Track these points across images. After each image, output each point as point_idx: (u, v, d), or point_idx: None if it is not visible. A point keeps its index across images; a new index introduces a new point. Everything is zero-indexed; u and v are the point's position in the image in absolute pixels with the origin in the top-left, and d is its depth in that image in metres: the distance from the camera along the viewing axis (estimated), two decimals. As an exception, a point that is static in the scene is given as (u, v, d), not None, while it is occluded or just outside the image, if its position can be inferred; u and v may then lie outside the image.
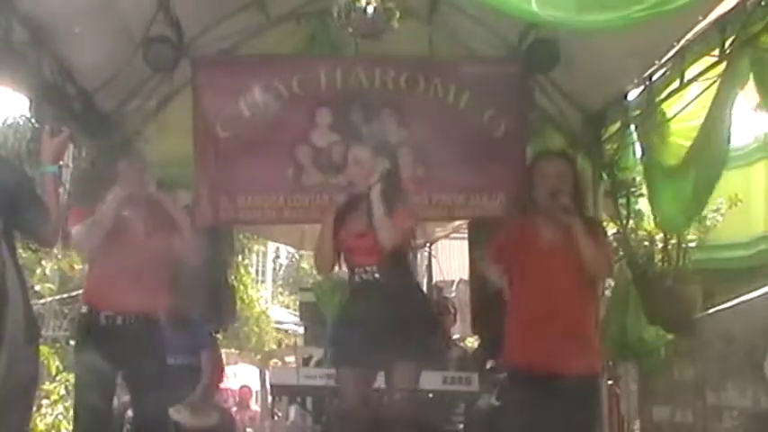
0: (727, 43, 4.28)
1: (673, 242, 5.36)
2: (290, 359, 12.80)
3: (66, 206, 4.44)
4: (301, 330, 10.43)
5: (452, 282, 11.50)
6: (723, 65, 4.32)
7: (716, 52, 4.40)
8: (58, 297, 7.55)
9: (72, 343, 8.20)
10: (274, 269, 24.35)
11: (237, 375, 13.21)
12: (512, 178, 5.26)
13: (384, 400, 4.01)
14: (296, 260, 22.31)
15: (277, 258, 24.33)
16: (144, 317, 4.10)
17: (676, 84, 4.93)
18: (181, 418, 5.23)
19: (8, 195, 3.06)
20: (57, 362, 6.60)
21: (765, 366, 4.04)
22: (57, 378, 6.66)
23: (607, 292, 5.72)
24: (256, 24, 5.88)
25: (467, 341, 9.00)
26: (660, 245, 5.43)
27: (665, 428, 5.35)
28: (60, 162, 3.58)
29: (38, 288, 7.21)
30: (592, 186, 5.75)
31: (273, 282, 23.99)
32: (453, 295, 10.35)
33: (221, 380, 6.78)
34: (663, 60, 4.94)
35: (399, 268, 4.08)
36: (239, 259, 12.02)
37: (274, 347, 15.79)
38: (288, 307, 20.61)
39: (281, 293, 23.47)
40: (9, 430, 3.02)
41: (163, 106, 5.80)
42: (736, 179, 5.94)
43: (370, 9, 4.79)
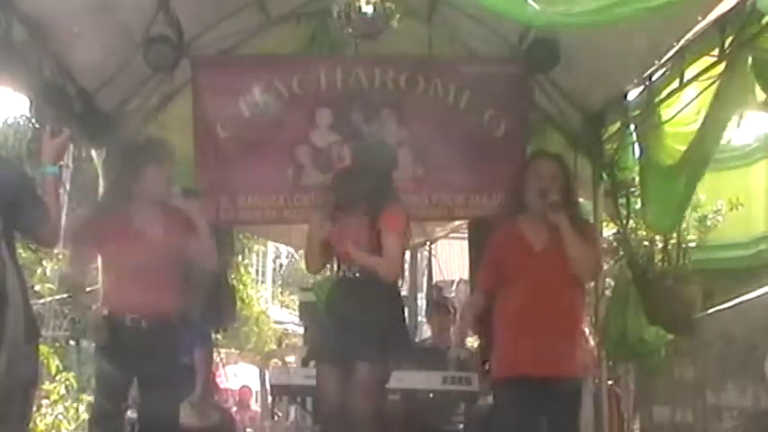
0: (726, 43, 4.28)
1: (673, 242, 5.36)
2: (290, 359, 12.79)
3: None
4: (301, 330, 10.42)
5: (452, 282, 11.52)
6: (723, 65, 4.32)
7: (716, 52, 4.40)
8: (58, 297, 7.53)
9: (72, 343, 8.23)
10: (274, 269, 24.34)
11: (237, 375, 13.17)
12: (512, 178, 5.26)
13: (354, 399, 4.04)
14: (296, 260, 22.29)
15: (277, 258, 24.32)
16: (164, 319, 4.11)
17: (676, 84, 4.93)
18: (181, 418, 5.22)
19: (8, 195, 3.06)
20: (57, 361, 6.59)
21: (765, 366, 4.04)
22: (57, 378, 6.65)
23: (607, 292, 5.72)
24: (256, 24, 5.88)
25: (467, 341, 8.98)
26: (660, 245, 5.43)
27: (665, 428, 5.35)
28: (60, 162, 3.59)
29: (38, 288, 7.20)
30: (592, 186, 5.77)
31: (273, 282, 23.98)
32: (453, 295, 10.37)
33: (215, 379, 6.76)
34: (663, 60, 4.93)
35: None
36: (239, 259, 12.03)
37: (274, 347, 15.78)
38: (288, 307, 20.62)
39: (281, 293, 23.48)
40: (9, 430, 3.03)
41: (163, 106, 5.80)
42: (736, 179, 5.95)
43: (370, 9, 4.80)
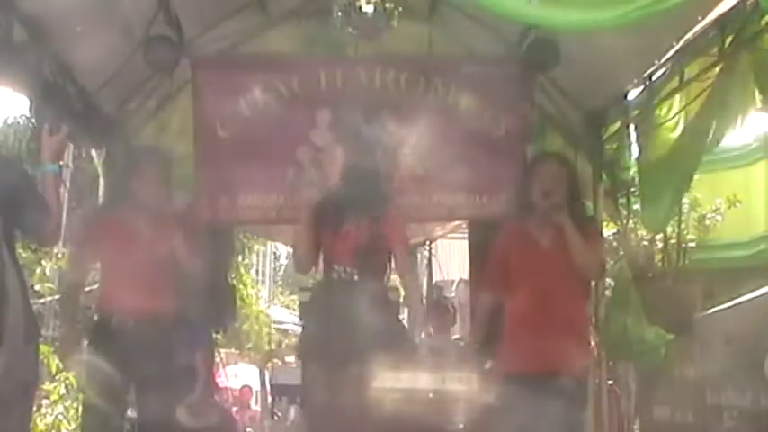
0: (726, 43, 4.28)
1: (673, 242, 5.37)
2: (290, 359, 12.80)
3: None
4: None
5: (452, 282, 11.51)
6: (722, 65, 4.32)
7: (716, 52, 4.40)
8: (58, 297, 7.53)
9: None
10: (274, 269, 24.38)
11: (238, 375, 13.18)
12: (512, 178, 5.27)
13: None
14: (296, 260, 22.29)
15: (277, 258, 24.35)
16: (158, 320, 4.12)
17: (676, 84, 4.93)
18: (181, 419, 5.22)
19: (9, 195, 3.06)
20: (57, 361, 6.58)
21: (765, 366, 4.04)
22: (57, 377, 6.64)
23: (607, 292, 5.73)
24: (256, 24, 5.88)
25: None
26: (660, 245, 5.44)
27: (665, 428, 5.35)
28: (60, 162, 3.59)
29: (38, 288, 7.20)
30: (592, 186, 5.77)
31: (273, 282, 24.00)
32: (453, 295, 10.36)
33: (216, 379, 6.76)
34: (663, 60, 4.93)
35: (377, 270, 4.19)
36: (239, 259, 12.02)
37: (274, 347, 15.79)
38: (288, 307, 20.63)
39: (281, 293, 23.50)
40: (9, 430, 3.03)
41: (163, 106, 5.80)
42: (736, 179, 5.96)
43: (370, 9, 4.80)
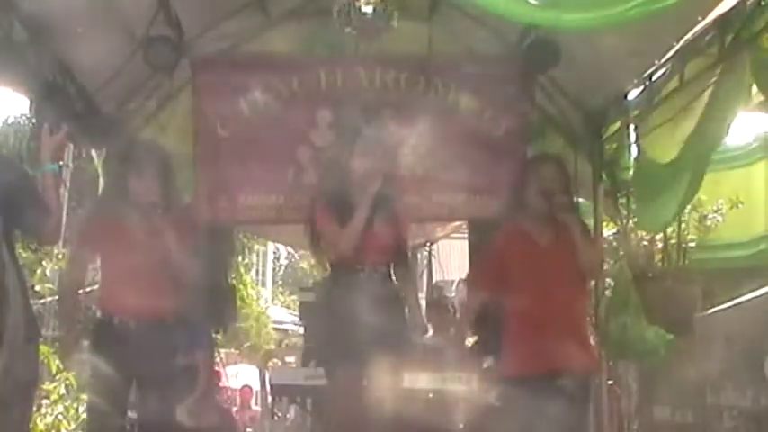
0: (726, 43, 4.28)
1: (673, 242, 5.37)
2: (290, 359, 12.78)
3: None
4: (301, 330, 10.42)
5: (452, 282, 11.49)
6: (723, 65, 4.32)
7: (715, 52, 4.40)
8: (58, 297, 7.52)
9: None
10: (274, 269, 24.38)
11: (238, 375, 13.18)
12: (512, 178, 5.26)
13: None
14: (296, 260, 22.31)
15: (277, 258, 24.36)
16: (157, 320, 4.10)
17: (676, 84, 4.93)
18: (181, 419, 5.22)
19: (9, 194, 3.07)
20: (57, 361, 6.58)
21: (765, 366, 4.05)
22: (57, 378, 6.63)
23: (607, 292, 5.73)
24: (256, 24, 5.87)
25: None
26: (660, 245, 5.43)
27: (665, 428, 5.35)
28: (60, 162, 3.59)
29: (38, 288, 7.20)
30: (592, 186, 5.77)
31: (273, 282, 24.01)
32: (453, 295, 10.34)
33: (217, 379, 6.76)
34: (663, 60, 4.93)
35: (390, 269, 4.20)
36: (239, 259, 12.02)
37: (274, 347, 15.79)
38: (288, 307, 20.64)
39: (281, 293, 23.50)
40: (9, 429, 3.03)
41: (163, 106, 5.80)
42: (736, 179, 5.96)
43: (369, 9, 4.80)
